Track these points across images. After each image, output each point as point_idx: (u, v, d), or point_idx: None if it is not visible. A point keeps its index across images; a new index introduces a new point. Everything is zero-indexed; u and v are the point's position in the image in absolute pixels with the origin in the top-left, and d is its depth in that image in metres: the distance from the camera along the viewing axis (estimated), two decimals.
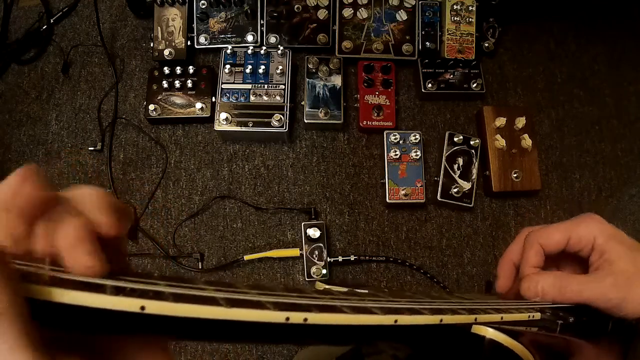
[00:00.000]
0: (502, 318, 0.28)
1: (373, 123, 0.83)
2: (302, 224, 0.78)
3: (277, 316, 0.19)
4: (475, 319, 0.27)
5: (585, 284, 0.36)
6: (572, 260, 0.41)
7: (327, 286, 0.37)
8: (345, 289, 0.33)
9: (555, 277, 0.37)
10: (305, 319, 0.20)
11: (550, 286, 0.37)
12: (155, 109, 0.82)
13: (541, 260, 0.40)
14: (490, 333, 0.27)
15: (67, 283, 0.17)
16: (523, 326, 0.31)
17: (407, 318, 0.23)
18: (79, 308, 0.17)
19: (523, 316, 0.30)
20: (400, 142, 0.81)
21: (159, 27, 0.86)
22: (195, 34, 0.86)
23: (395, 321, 0.22)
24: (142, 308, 0.17)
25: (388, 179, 0.79)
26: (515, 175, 0.81)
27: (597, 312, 0.36)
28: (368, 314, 0.22)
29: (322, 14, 0.86)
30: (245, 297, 0.19)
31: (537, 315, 0.32)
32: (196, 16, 0.86)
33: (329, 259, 0.77)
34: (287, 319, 0.19)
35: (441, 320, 0.24)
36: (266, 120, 0.80)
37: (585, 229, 0.38)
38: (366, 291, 0.31)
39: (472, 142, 0.82)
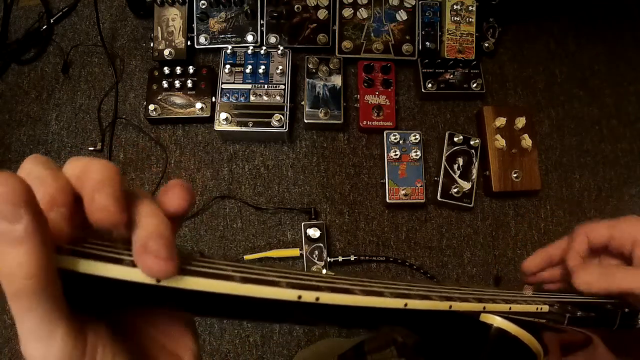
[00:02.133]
0: (510, 308, 0.28)
1: (373, 123, 0.83)
2: (302, 224, 0.78)
3: (289, 294, 0.19)
4: (484, 308, 0.27)
5: (631, 274, 0.39)
6: (614, 257, 0.44)
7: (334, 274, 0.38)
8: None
9: (602, 268, 0.41)
10: (317, 298, 0.20)
11: (598, 275, 0.40)
12: (155, 109, 0.82)
13: (585, 249, 0.43)
14: (498, 322, 0.27)
15: (84, 254, 0.17)
16: (531, 318, 0.31)
17: (417, 302, 0.23)
18: (93, 279, 0.17)
19: (531, 308, 0.31)
20: (400, 142, 0.81)
21: (159, 27, 0.86)
22: (195, 34, 0.86)
23: (405, 305, 0.22)
24: (158, 280, 0.18)
25: (388, 179, 0.79)
26: (515, 175, 0.81)
27: (605, 308, 0.36)
28: (379, 296, 0.22)
29: (322, 14, 0.86)
30: (259, 276, 0.20)
31: (545, 308, 0.32)
32: (196, 16, 0.86)
33: (329, 259, 0.77)
34: (300, 297, 0.19)
35: (450, 307, 0.24)
36: (266, 120, 0.80)
37: (628, 227, 0.41)
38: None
39: (472, 142, 0.82)
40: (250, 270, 0.20)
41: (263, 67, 0.82)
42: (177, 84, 0.82)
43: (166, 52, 0.85)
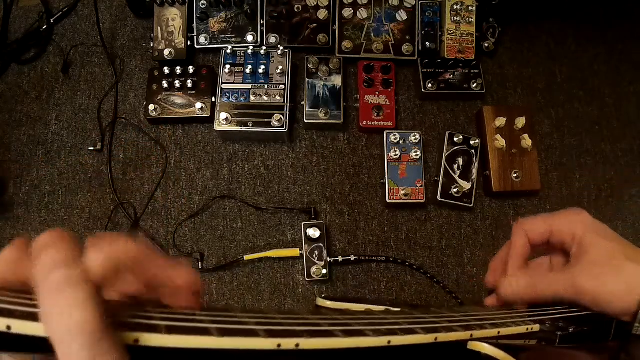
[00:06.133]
0: (499, 332, 0.28)
1: (373, 123, 0.83)
2: (302, 224, 0.78)
3: (268, 343, 0.19)
4: (471, 335, 0.26)
5: (554, 278, 0.37)
6: (562, 254, 0.41)
7: (328, 303, 0.37)
8: (344, 307, 0.33)
9: (529, 278, 0.38)
10: (297, 345, 0.20)
11: (524, 287, 0.38)
12: (155, 109, 0.82)
13: (527, 250, 0.40)
14: (487, 349, 0.27)
15: None
16: (522, 339, 0.31)
17: (401, 338, 0.23)
18: None
19: (521, 329, 0.30)
20: (400, 142, 0.81)
21: (159, 27, 0.86)
22: (195, 34, 0.86)
23: (389, 342, 0.22)
24: (136, 341, 0.18)
25: (388, 179, 0.79)
26: (515, 175, 0.81)
27: (599, 319, 0.35)
28: (360, 336, 0.22)
29: (322, 14, 0.86)
30: (237, 326, 0.20)
31: (536, 327, 0.31)
32: (196, 16, 0.86)
33: (329, 259, 0.77)
34: (279, 345, 0.19)
35: (436, 339, 0.24)
36: (266, 120, 0.80)
37: (565, 221, 0.39)
38: (363, 309, 0.31)
39: (472, 142, 0.82)
40: (226, 318, 0.20)
41: (263, 67, 0.82)
42: (177, 84, 0.82)
43: (166, 52, 0.85)
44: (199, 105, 0.82)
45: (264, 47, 0.83)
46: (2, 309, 0.17)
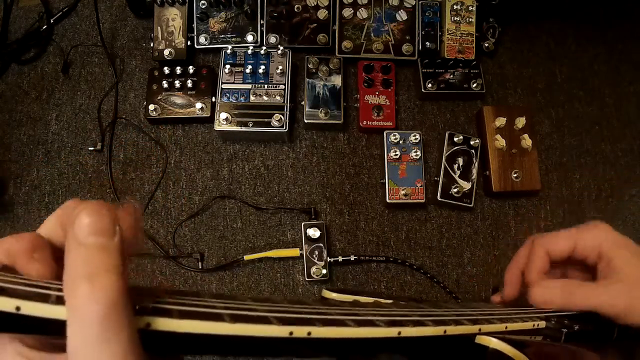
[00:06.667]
0: (506, 327, 0.28)
1: (373, 123, 0.83)
2: (302, 224, 0.78)
3: (280, 330, 0.19)
4: (479, 329, 0.27)
5: (593, 291, 0.36)
6: (580, 267, 0.42)
7: (334, 294, 0.37)
8: (351, 299, 0.33)
9: (563, 285, 0.37)
10: (309, 333, 0.20)
11: (558, 293, 0.37)
12: (155, 109, 0.82)
13: (546, 265, 0.40)
14: (494, 343, 0.27)
15: None
16: (528, 335, 0.31)
17: (411, 330, 0.23)
18: None
19: (527, 325, 0.30)
20: (400, 142, 0.81)
21: (159, 27, 0.86)
22: (195, 34, 0.86)
23: (399, 333, 0.22)
24: (148, 325, 0.18)
25: (388, 179, 0.79)
26: (515, 175, 0.81)
27: (603, 319, 0.36)
28: (371, 326, 0.22)
29: (322, 14, 0.86)
30: (249, 313, 0.20)
31: (542, 324, 0.32)
32: (196, 16, 0.86)
33: (329, 259, 0.77)
34: (291, 333, 0.19)
35: (445, 332, 0.24)
36: (266, 120, 0.80)
37: (591, 237, 0.39)
38: (371, 300, 0.31)
39: (472, 142, 0.82)
40: (239, 305, 0.20)
41: (263, 67, 0.82)
42: (177, 84, 0.82)
43: (166, 52, 0.85)
44: (199, 105, 0.82)
45: (264, 47, 0.83)
46: (11, 289, 0.17)
